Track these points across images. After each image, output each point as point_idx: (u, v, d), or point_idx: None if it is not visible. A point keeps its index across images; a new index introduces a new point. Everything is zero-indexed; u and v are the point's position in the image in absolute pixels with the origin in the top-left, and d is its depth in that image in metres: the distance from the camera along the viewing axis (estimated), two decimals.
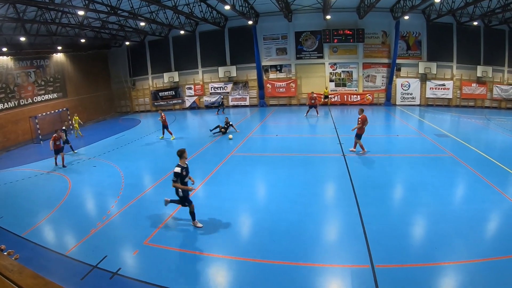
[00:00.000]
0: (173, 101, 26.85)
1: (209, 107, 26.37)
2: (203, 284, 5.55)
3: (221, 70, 26.02)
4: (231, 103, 26.26)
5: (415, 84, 25.85)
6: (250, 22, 23.28)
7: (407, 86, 25.88)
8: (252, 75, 25.99)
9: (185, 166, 7.37)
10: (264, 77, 26.01)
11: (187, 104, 26.64)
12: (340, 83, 26.13)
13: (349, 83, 26.07)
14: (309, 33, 25.74)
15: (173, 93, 26.73)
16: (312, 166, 11.72)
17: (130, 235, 7.22)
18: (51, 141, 12.77)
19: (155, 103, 27.07)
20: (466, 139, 15.42)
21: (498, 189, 9.38)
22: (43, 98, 21.16)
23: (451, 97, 26.26)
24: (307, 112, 21.41)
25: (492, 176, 10.42)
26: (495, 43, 26.43)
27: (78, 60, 24.19)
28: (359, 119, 12.49)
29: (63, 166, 12.72)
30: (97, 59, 26.63)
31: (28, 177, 11.93)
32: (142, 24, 21.54)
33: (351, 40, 25.09)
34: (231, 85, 26.09)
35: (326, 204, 8.76)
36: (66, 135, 15.03)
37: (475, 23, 24.93)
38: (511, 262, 5.99)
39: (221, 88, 26.13)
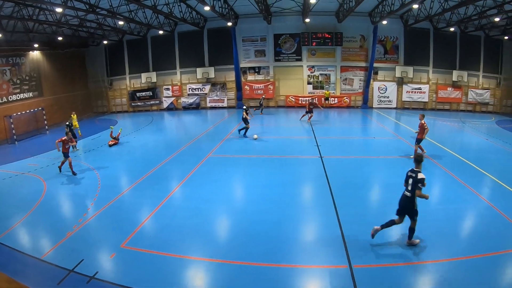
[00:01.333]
0: (151, 102, 27.06)
1: (187, 108, 26.67)
2: None
3: (200, 71, 26.38)
4: (208, 105, 26.61)
5: (392, 87, 26.72)
6: (230, 24, 23.72)
7: (384, 89, 26.72)
8: (230, 76, 26.43)
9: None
10: (242, 79, 26.48)
11: (165, 105, 26.88)
12: (318, 85, 26.82)
13: (327, 86, 26.76)
14: (288, 35, 26.37)
15: (151, 93, 26.95)
16: (290, 167, 12.02)
17: (107, 238, 7.22)
18: (58, 142, 11.77)
19: (133, 104, 27.25)
20: (442, 142, 16.07)
21: (472, 189, 9.90)
22: (18, 97, 21.02)
23: (427, 100, 27.22)
24: (303, 117, 21.24)
25: (467, 177, 10.99)
26: (471, 48, 27.55)
27: (55, 58, 24.15)
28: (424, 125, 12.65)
29: (73, 173, 11.75)
30: (74, 58, 26.63)
31: (2, 179, 11.70)
32: (121, 23, 21.68)
33: (330, 44, 25.84)
34: (209, 86, 26.47)
35: (304, 205, 9.02)
36: (72, 132, 14.73)
37: (452, 29, 25.97)
38: (487, 260, 6.35)
39: (199, 89, 26.47)
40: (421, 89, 26.91)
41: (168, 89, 26.79)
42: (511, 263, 6.41)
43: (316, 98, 25.26)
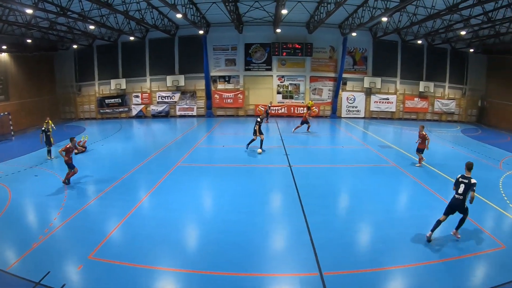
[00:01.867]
0: (119, 109, 26.92)
1: (156, 116, 26.68)
2: None
3: (169, 79, 26.43)
4: (178, 113, 26.65)
5: (360, 97, 27.47)
6: (201, 32, 23.91)
7: (352, 99, 27.43)
8: (200, 85, 26.57)
9: None
10: (212, 88, 26.67)
11: (134, 112, 26.78)
12: (288, 95, 27.31)
13: (296, 96, 27.31)
14: (258, 45, 26.75)
15: (120, 100, 26.81)
16: (259, 176, 12.16)
17: (74, 249, 7.08)
18: (61, 151, 11.16)
19: (101, 111, 27.04)
20: (408, 150, 16.63)
21: (439, 195, 10.32)
22: None
23: (394, 110, 28.10)
24: (297, 128, 20.85)
25: (433, 183, 11.48)
26: (437, 60, 28.61)
27: (22, 61, 23.58)
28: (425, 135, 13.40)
29: (67, 183, 11.34)
30: (43, 62, 26.16)
31: None
32: (92, 27, 21.41)
33: (300, 54, 26.36)
34: (179, 94, 26.53)
35: (273, 214, 9.17)
36: (47, 136, 14.49)
37: (419, 42, 26.95)
38: (456, 263, 6.69)
39: (169, 97, 26.51)
40: (388, 99, 27.77)
41: (137, 96, 26.72)
42: (479, 265, 6.80)
43: (307, 108, 25.01)
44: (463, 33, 22.40)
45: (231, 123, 24.52)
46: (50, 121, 17.05)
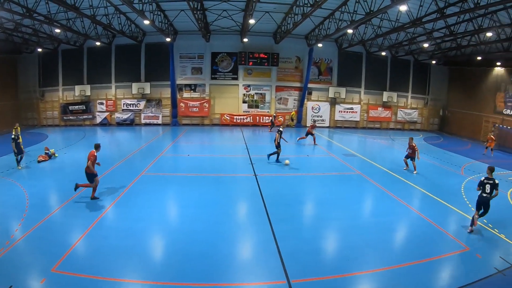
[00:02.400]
0: (83, 116, 26.68)
1: (121, 124, 26.62)
2: None
3: (135, 86, 26.38)
4: (143, 121, 26.59)
5: (325, 107, 28.23)
6: (168, 39, 23.94)
7: (317, 109, 28.17)
8: (166, 93, 26.62)
9: None
10: (178, 96, 26.73)
11: (98, 120, 26.59)
12: (253, 104, 27.74)
13: (262, 105, 27.79)
14: (225, 54, 27.05)
15: (84, 107, 26.59)
16: (224, 185, 12.20)
17: (36, 261, 6.86)
18: (90, 163, 10.40)
19: (64, 117, 26.73)
20: (372, 158, 17.26)
21: (403, 201, 10.77)
22: None
23: (358, 119, 29.03)
24: (300, 139, 20.92)
25: (397, 190, 11.90)
26: (401, 71, 29.69)
27: None
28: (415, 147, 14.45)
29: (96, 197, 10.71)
30: (5, 65, 25.44)
31: None
32: (58, 30, 20.95)
33: (266, 64, 26.83)
34: (144, 102, 26.52)
35: (239, 223, 9.19)
36: (17, 144, 13.90)
37: (383, 53, 27.91)
38: (421, 266, 6.95)
39: (134, 105, 26.47)
40: (353, 109, 28.66)
41: (102, 103, 26.54)
42: (444, 267, 7.08)
43: (313, 121, 25.13)
44: (426, 45, 23.44)
45: (197, 132, 24.65)
46: (19, 128, 16.40)
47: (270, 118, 26.31)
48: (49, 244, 7.54)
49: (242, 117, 27.24)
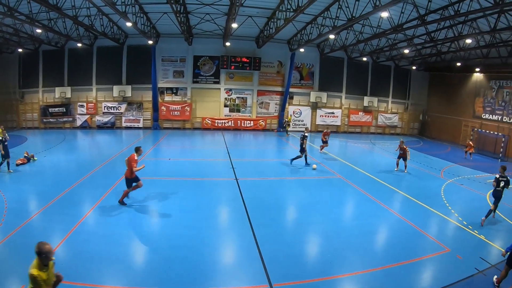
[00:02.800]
0: (64, 119, 26.56)
1: (101, 127, 26.60)
2: None
3: (116, 89, 26.33)
4: (124, 124, 26.54)
5: (307, 111, 28.63)
6: (151, 42, 23.96)
7: (298, 113, 28.54)
8: (148, 96, 26.61)
9: None
10: (160, 99, 26.74)
11: (78, 123, 26.49)
12: (235, 108, 27.95)
13: (243, 109, 28.02)
14: (207, 58, 27.18)
15: (64, 110, 26.46)
16: (205, 190, 12.19)
17: (15, 267, 6.78)
18: (134, 165, 10.12)
19: (44, 120, 26.59)
20: (353, 162, 17.55)
21: (383, 204, 11.00)
22: None
23: (339, 124, 29.50)
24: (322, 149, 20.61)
25: (378, 193, 12.15)
26: (381, 76, 30.21)
27: None
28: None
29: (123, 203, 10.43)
30: None
31: None
32: (39, 31, 20.72)
33: (248, 68, 27.05)
34: (125, 105, 26.50)
35: (221, 228, 9.22)
36: (4, 147, 13.65)
37: (364, 59, 28.37)
38: (402, 268, 7.11)
39: (115, 108, 26.47)
40: (334, 113, 29.12)
41: (82, 106, 26.45)
42: (425, 269, 7.28)
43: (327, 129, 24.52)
44: (406, 51, 23.96)
45: (178, 135, 24.75)
46: (3, 130, 16.17)
47: (284, 123, 26.89)
48: (29, 250, 6.90)
49: (223, 121, 27.42)
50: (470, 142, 21.49)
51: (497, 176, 9.86)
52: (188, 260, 7.18)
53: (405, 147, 15.49)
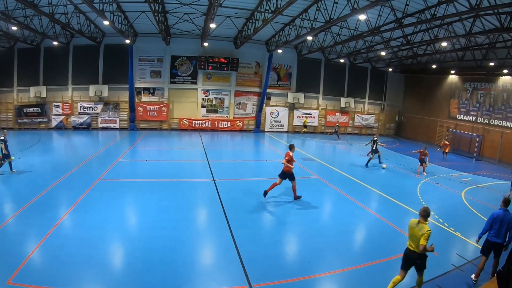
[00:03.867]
0: (39, 119, 26.30)
1: (77, 128, 26.47)
2: None
3: (92, 89, 26.17)
4: (100, 125, 26.39)
5: (284, 112, 29.02)
6: (128, 41, 23.85)
7: (276, 114, 28.93)
8: (124, 96, 26.50)
9: None
10: (136, 100, 26.68)
11: (54, 123, 26.25)
12: (212, 109, 28.13)
13: (221, 110, 28.23)
14: (185, 58, 27.23)
15: (39, 110, 26.22)
16: (183, 191, 12.16)
17: None
18: (287, 162, 11.14)
19: (19, 120, 26.29)
20: (330, 162, 17.90)
21: (361, 204, 11.27)
22: None
23: (316, 124, 29.96)
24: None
25: (355, 193, 12.43)
26: (358, 78, 30.76)
27: None
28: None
29: (297, 197, 11.49)
30: None
31: None
32: (15, 28, 20.39)
33: (225, 68, 27.20)
34: (102, 105, 26.38)
35: (199, 229, 9.21)
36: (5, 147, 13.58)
37: (342, 60, 28.84)
38: (379, 266, 7.27)
39: (91, 108, 26.37)
40: (311, 114, 29.58)
41: (58, 106, 26.22)
42: None
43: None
44: (383, 53, 24.50)
45: (155, 136, 24.73)
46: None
47: (335, 127, 27.93)
48: (4, 255, 7.29)
49: (200, 121, 27.56)
50: (446, 142, 22.19)
51: None
52: (166, 261, 7.19)
53: (426, 152, 16.54)
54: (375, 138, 17.80)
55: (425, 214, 6.07)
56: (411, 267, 6.30)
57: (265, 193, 11.34)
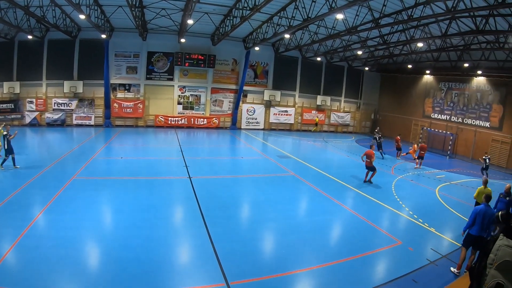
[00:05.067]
0: (12, 116, 25.76)
1: (51, 124, 26.22)
2: None
3: (67, 85, 25.85)
4: (75, 122, 26.07)
5: (260, 109, 29.28)
6: (104, 36, 23.58)
7: (252, 111, 29.17)
8: (100, 92, 26.24)
9: None
10: (112, 96, 26.45)
11: (27, 120, 25.83)
12: (188, 106, 28.17)
13: (197, 107, 28.30)
14: (162, 54, 27.09)
15: (12, 106, 25.78)
16: (158, 189, 12.14)
17: None
18: (369, 159, 14.14)
19: None
20: (306, 159, 18.14)
21: (336, 200, 11.51)
22: None
23: (292, 122, 30.36)
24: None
25: (331, 190, 12.67)
26: (335, 76, 31.15)
27: None
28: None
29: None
30: None
31: None
32: None
33: (202, 65, 27.21)
34: (76, 101, 26.10)
35: (174, 227, 9.18)
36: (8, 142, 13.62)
37: (319, 59, 29.11)
38: (355, 262, 7.38)
39: (66, 105, 26.07)
40: (287, 111, 29.94)
41: (32, 102, 25.86)
42: (379, 261, 7.60)
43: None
44: (360, 53, 24.87)
45: (131, 133, 24.71)
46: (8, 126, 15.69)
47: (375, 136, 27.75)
48: None
49: (177, 118, 27.57)
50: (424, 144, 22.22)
51: None
52: (143, 261, 7.14)
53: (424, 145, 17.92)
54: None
55: None
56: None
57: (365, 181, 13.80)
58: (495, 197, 9.35)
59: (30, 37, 24.17)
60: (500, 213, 7.26)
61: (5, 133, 13.85)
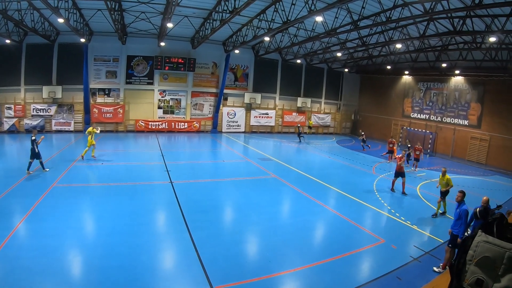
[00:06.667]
0: None
1: (30, 131, 25.85)
2: None
3: (46, 90, 25.21)
4: (54, 128, 25.13)
5: (241, 113, 29.16)
6: (83, 40, 23.08)
7: (233, 114, 29.10)
8: (79, 97, 25.42)
9: None
10: (91, 101, 25.65)
11: (6, 127, 24.80)
12: (169, 110, 27.60)
13: (177, 111, 27.74)
14: (141, 58, 26.56)
15: None
16: (140, 194, 11.87)
17: None
18: (400, 163, 13.43)
19: None
20: (288, 161, 17.95)
21: (318, 201, 11.24)
22: None
23: (273, 124, 30.36)
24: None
25: (313, 191, 12.40)
26: (315, 78, 31.24)
27: None
28: None
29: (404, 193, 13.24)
30: None
31: None
32: None
33: (182, 69, 26.67)
34: (55, 107, 25.51)
35: (157, 233, 8.96)
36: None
37: (298, 61, 29.09)
38: (339, 261, 7.35)
39: (44, 110, 25.63)
40: (268, 114, 29.96)
41: (10, 108, 25.45)
42: (362, 260, 7.61)
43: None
44: (339, 54, 24.89)
45: (111, 139, 23.94)
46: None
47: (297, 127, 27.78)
48: None
49: (157, 123, 26.91)
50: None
51: None
52: (126, 268, 6.94)
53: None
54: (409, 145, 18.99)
55: None
56: None
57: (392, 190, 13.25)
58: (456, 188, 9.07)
59: (8, 41, 23.54)
60: (478, 209, 7.19)
61: (33, 137, 14.07)
